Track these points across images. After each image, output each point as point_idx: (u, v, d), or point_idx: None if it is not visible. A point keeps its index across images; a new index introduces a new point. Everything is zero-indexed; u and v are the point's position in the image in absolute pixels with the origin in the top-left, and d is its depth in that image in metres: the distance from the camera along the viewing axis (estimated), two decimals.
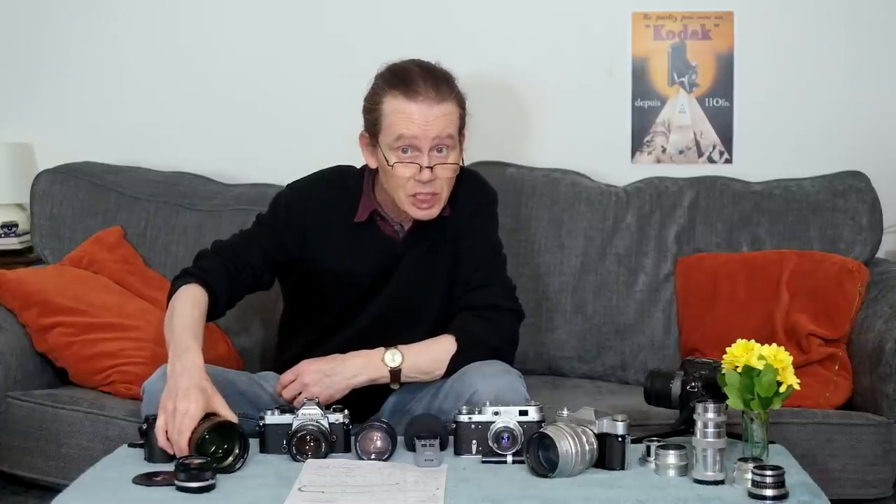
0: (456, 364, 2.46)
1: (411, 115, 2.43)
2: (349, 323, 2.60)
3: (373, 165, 2.55)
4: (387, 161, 2.46)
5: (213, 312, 2.51)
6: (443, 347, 2.47)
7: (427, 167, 2.43)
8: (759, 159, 3.47)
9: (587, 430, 2.12)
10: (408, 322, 2.56)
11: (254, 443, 2.21)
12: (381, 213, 2.59)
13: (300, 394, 2.42)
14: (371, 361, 2.45)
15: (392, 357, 2.44)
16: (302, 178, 2.69)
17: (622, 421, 2.12)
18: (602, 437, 2.12)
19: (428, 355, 2.47)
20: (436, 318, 2.58)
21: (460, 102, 2.50)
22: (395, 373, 2.45)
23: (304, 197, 2.63)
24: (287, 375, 2.46)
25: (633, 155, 3.52)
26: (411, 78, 2.45)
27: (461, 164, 2.52)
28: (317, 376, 2.43)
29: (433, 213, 2.50)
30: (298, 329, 2.69)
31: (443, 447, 2.22)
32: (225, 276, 2.52)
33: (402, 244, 2.59)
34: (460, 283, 2.57)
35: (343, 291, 2.59)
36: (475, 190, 2.65)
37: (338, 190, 2.62)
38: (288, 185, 2.69)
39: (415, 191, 2.46)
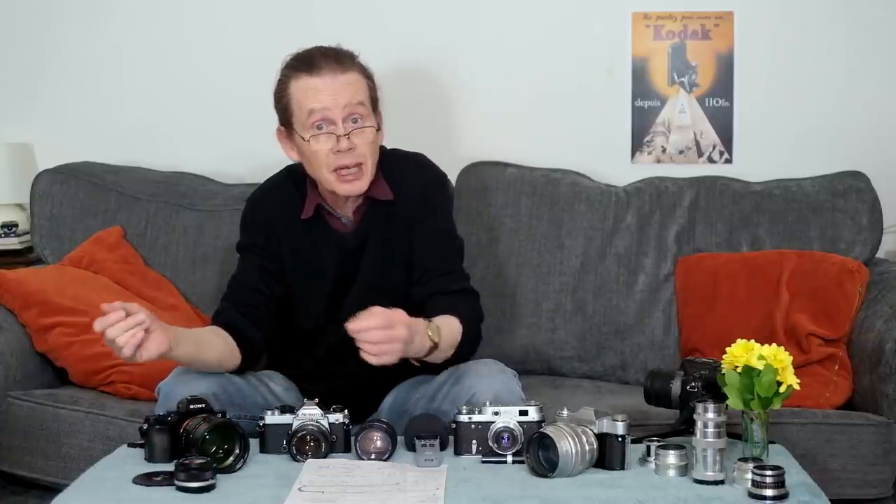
0: (461, 345, 2.41)
1: (318, 90, 2.43)
2: (327, 329, 2.56)
3: (295, 158, 2.54)
4: (303, 139, 2.45)
5: (249, 348, 2.47)
6: (453, 326, 2.41)
7: (344, 135, 2.42)
8: (759, 159, 3.47)
9: (587, 430, 2.12)
10: None
11: (254, 443, 2.21)
12: (326, 206, 2.56)
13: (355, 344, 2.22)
14: (424, 337, 2.32)
15: (435, 331, 2.33)
16: (256, 189, 2.69)
17: (622, 421, 2.12)
18: (602, 437, 2.12)
19: (449, 333, 2.38)
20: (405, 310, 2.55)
21: (366, 74, 2.50)
22: (433, 348, 2.34)
23: (261, 201, 2.62)
24: (380, 319, 2.21)
25: (633, 155, 3.53)
26: (312, 57, 2.47)
27: (380, 132, 2.50)
28: (406, 333, 2.24)
29: (359, 186, 2.47)
30: (284, 337, 2.66)
31: (443, 447, 2.22)
32: (235, 309, 2.49)
33: (352, 236, 2.55)
34: (420, 269, 2.53)
35: (310, 293, 2.56)
36: (420, 173, 2.61)
37: (288, 190, 2.60)
38: (246, 200, 2.67)
39: (336, 164, 2.44)
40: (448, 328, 2.39)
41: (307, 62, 2.47)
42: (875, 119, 3.46)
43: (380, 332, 2.20)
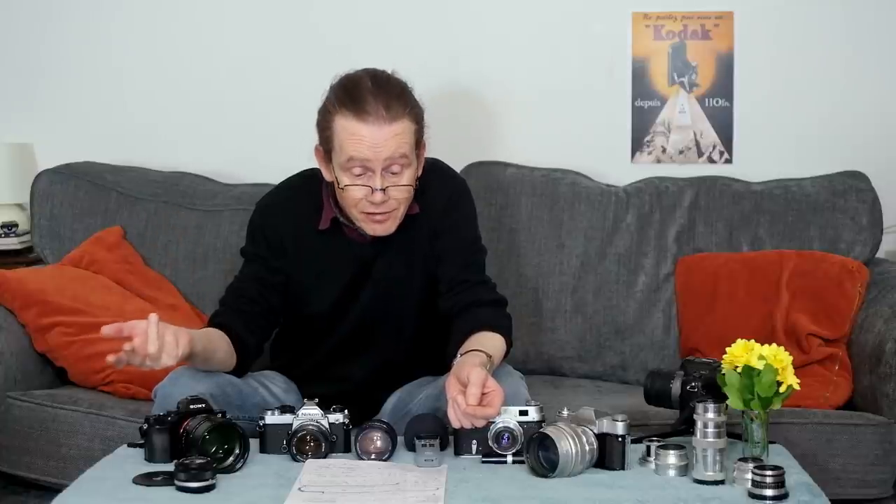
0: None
1: (362, 138, 2.35)
2: (332, 332, 2.57)
3: (329, 178, 2.48)
4: (339, 182, 2.42)
5: (244, 352, 2.46)
6: (499, 344, 2.39)
7: (379, 189, 2.38)
8: (759, 159, 3.47)
9: (587, 430, 2.12)
10: (390, 325, 2.55)
11: (254, 443, 2.21)
12: (343, 220, 2.52)
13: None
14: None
15: (490, 366, 2.29)
16: (267, 194, 2.66)
17: (622, 421, 2.12)
18: (602, 437, 2.12)
19: (497, 354, 2.36)
20: (417, 319, 2.55)
21: (415, 117, 2.41)
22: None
23: (272, 213, 2.58)
24: (479, 389, 2.15)
25: (633, 155, 3.53)
26: (362, 96, 2.36)
27: (415, 185, 2.44)
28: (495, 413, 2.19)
29: (388, 228, 2.44)
30: (287, 340, 2.67)
31: (443, 447, 2.22)
32: (232, 314, 2.47)
33: (370, 246, 2.52)
34: (449, 280, 2.51)
35: (320, 300, 2.55)
36: (444, 183, 2.58)
37: (302, 199, 2.56)
38: (256, 205, 2.63)
39: (368, 210, 2.41)
40: (498, 355, 2.36)
41: (356, 102, 2.36)
42: (875, 119, 3.47)
43: (481, 412, 2.15)
